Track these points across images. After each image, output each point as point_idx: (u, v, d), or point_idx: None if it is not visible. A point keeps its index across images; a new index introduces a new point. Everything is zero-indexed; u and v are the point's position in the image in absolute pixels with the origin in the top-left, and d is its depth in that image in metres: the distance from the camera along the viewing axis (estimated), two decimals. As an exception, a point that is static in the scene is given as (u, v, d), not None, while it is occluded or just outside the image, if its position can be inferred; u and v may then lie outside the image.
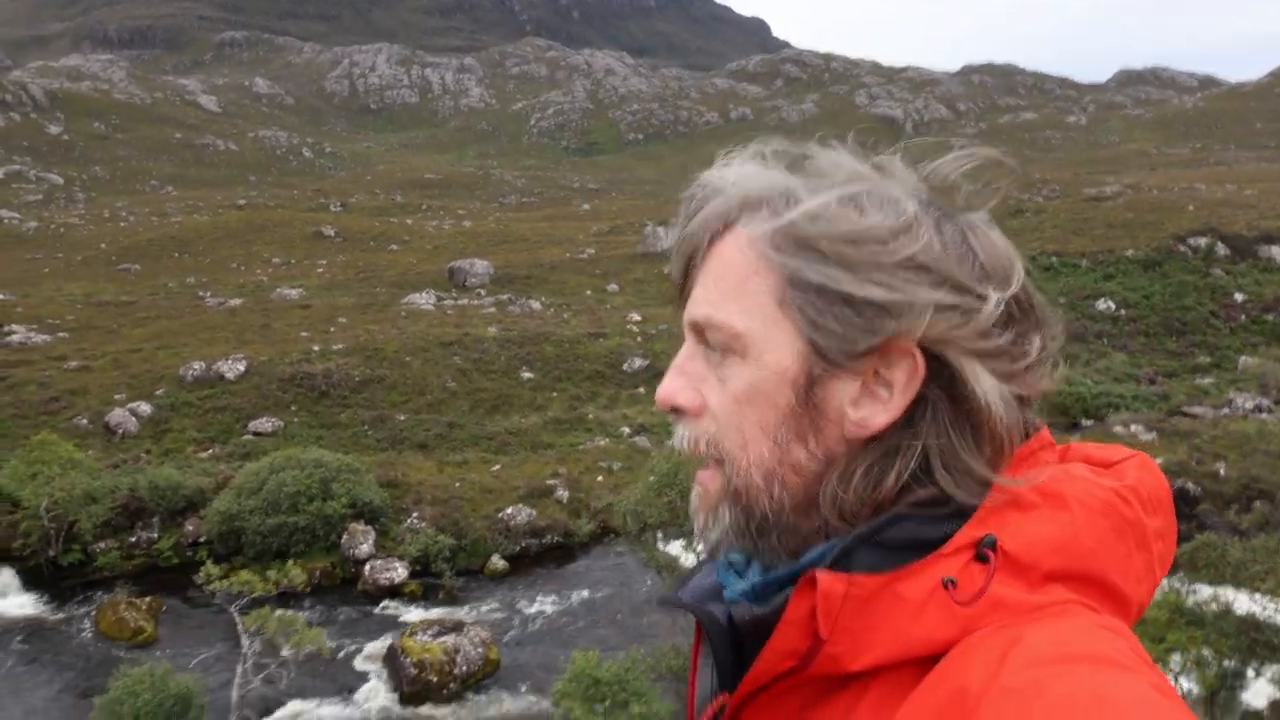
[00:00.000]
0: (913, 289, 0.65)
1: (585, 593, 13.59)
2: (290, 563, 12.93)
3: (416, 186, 75.12)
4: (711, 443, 0.71)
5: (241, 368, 21.62)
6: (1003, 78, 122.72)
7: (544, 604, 13.28)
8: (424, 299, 30.33)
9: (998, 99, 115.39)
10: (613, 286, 33.06)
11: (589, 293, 32.52)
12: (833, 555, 0.65)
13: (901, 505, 0.66)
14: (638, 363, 23.30)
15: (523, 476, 16.28)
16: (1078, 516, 0.65)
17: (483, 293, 32.19)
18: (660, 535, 11.78)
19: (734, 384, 0.70)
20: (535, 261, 37.56)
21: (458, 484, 15.90)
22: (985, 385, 0.66)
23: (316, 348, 23.17)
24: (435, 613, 12.82)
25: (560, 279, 34.55)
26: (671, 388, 0.73)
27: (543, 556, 14.55)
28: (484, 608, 13.20)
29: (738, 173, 0.73)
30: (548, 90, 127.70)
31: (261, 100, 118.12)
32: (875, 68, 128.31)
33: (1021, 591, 0.62)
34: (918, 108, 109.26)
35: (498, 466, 17.03)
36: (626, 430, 19.57)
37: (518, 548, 14.53)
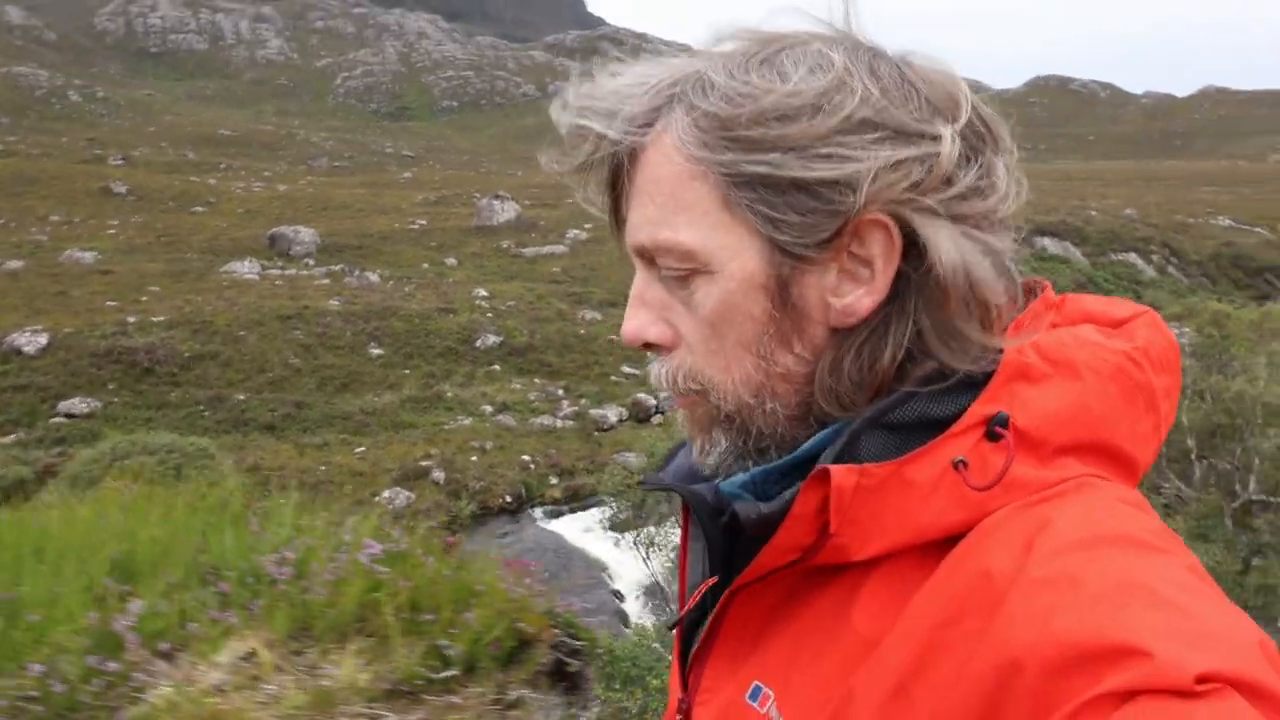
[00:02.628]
0: (865, 152, 0.59)
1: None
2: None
3: (210, 143, 69.44)
4: (690, 375, 0.67)
5: (43, 341, 19.31)
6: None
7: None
8: (246, 268, 28.23)
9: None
10: (451, 260, 32.11)
11: (426, 266, 31.41)
12: (843, 441, 0.62)
13: (908, 383, 0.63)
14: (491, 339, 22.78)
15: (392, 458, 15.59)
16: (1090, 385, 0.62)
17: (311, 263, 30.37)
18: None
19: (703, 307, 0.64)
20: (363, 231, 35.84)
21: (323, 468, 15.01)
22: (948, 245, 0.61)
23: (132, 319, 21.04)
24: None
25: (394, 251, 33.15)
26: (637, 323, 0.67)
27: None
28: (366, 598, 12.57)
29: (638, 73, 0.65)
30: (355, 49, 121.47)
31: (14, 32, 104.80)
32: (688, 50, 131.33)
33: (1033, 468, 0.60)
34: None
35: (362, 448, 16.20)
36: (489, 409, 19.14)
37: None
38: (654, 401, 19.46)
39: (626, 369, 22.03)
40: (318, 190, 48.16)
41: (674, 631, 0.79)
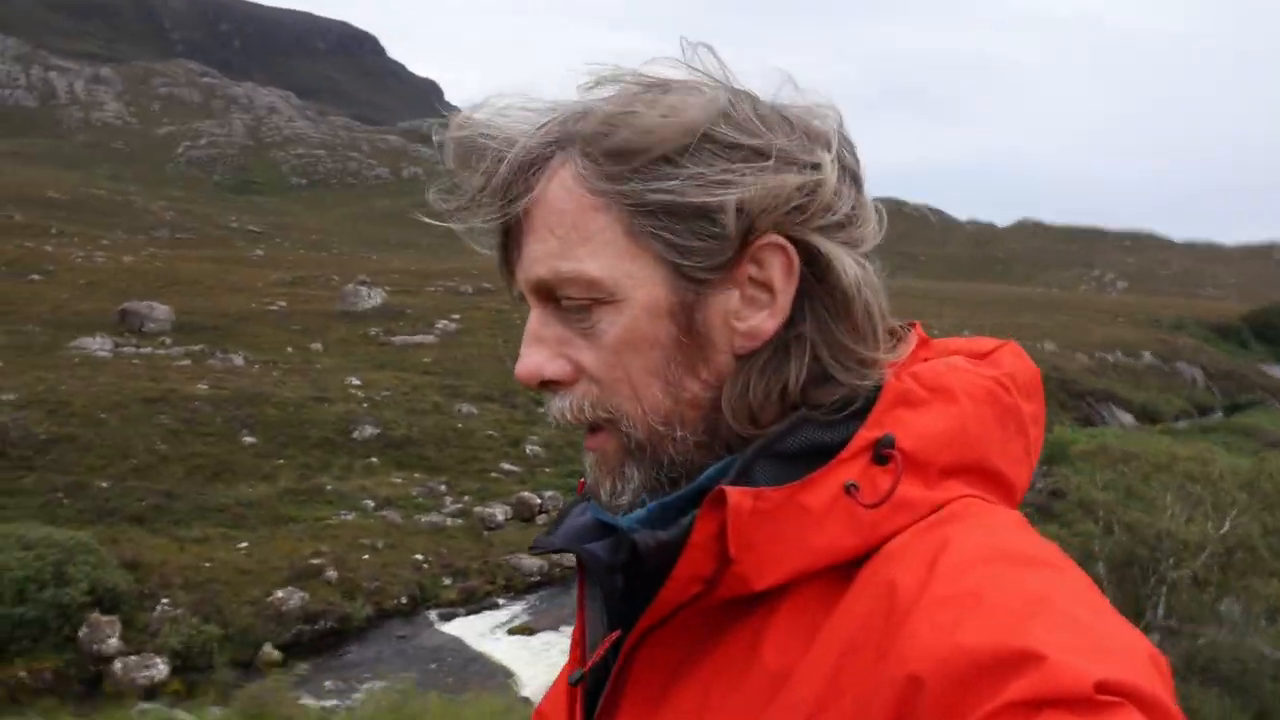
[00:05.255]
0: (756, 178, 0.62)
1: (370, 679, 12.96)
2: (15, 663, 10.97)
3: (39, 205, 65.01)
4: (597, 404, 0.67)
5: None
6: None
7: (329, 697, 12.46)
8: (98, 344, 26.66)
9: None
10: (317, 345, 31.36)
11: (290, 350, 30.54)
12: (735, 471, 0.63)
13: (800, 412, 0.65)
14: (369, 430, 22.43)
15: (280, 555, 15.11)
16: (965, 408, 0.65)
17: (168, 341, 28.97)
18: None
19: (607, 336, 0.65)
20: (219, 310, 34.50)
21: (207, 564, 14.37)
22: (846, 262, 0.65)
23: (-25, 396, 19.54)
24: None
25: (254, 332, 32.06)
26: (533, 361, 0.68)
27: (319, 643, 13.60)
28: (259, 704, 12.07)
29: (524, 112, 0.67)
30: (201, 118, 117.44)
31: None
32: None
33: (921, 489, 0.62)
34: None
35: (245, 544, 15.62)
36: (371, 504, 18.82)
37: (290, 635, 13.47)
38: (538, 500, 19.72)
39: (506, 466, 22.18)
40: (165, 263, 45.91)
41: (574, 695, 0.75)
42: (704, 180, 0.62)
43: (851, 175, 0.68)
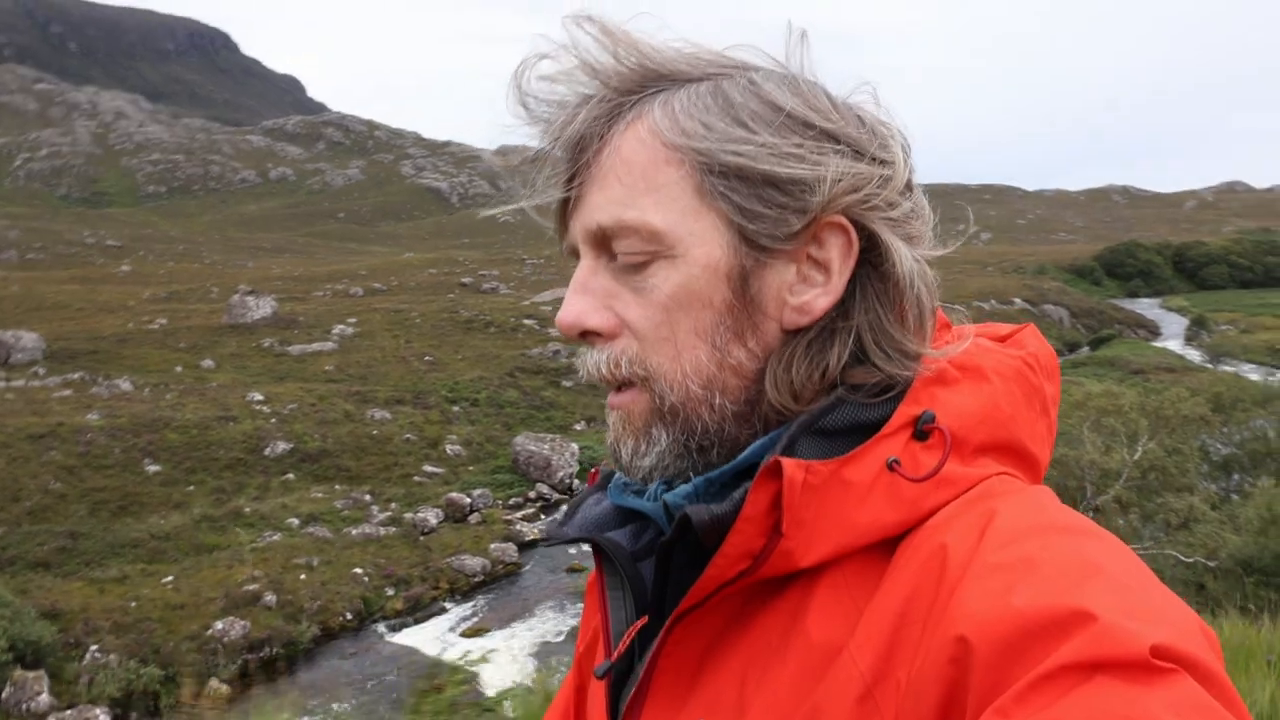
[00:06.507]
0: (829, 159, 0.63)
1: (325, 701, 12.58)
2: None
3: None
4: (635, 361, 0.66)
5: None
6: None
7: (286, 725, 12.04)
8: (-36, 381, 24.73)
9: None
10: (208, 362, 29.93)
11: (180, 369, 29.06)
12: (781, 446, 0.62)
13: (839, 390, 0.64)
14: (281, 446, 21.62)
15: (211, 585, 14.44)
16: (997, 387, 0.65)
17: (41, 371, 27.14)
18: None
19: (660, 290, 0.64)
20: (93, 333, 32.52)
21: (133, 603, 13.61)
22: (904, 254, 0.65)
23: None
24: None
25: (136, 354, 30.35)
26: (576, 309, 0.66)
27: (266, 671, 13.08)
28: (213, 743, 11.57)
29: (598, 68, 0.66)
30: (39, 128, 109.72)
31: None
32: (419, 139, 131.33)
33: (959, 466, 0.62)
34: (461, 181, 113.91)
35: (170, 577, 14.85)
36: (295, 521, 18.17)
37: (236, 666, 12.93)
38: (468, 500, 19.45)
39: (429, 468, 21.77)
40: (22, 287, 42.86)
41: (602, 688, 0.72)
42: (777, 151, 0.63)
43: (912, 176, 0.69)
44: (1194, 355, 41.52)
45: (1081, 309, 53.22)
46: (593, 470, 0.80)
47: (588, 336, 0.67)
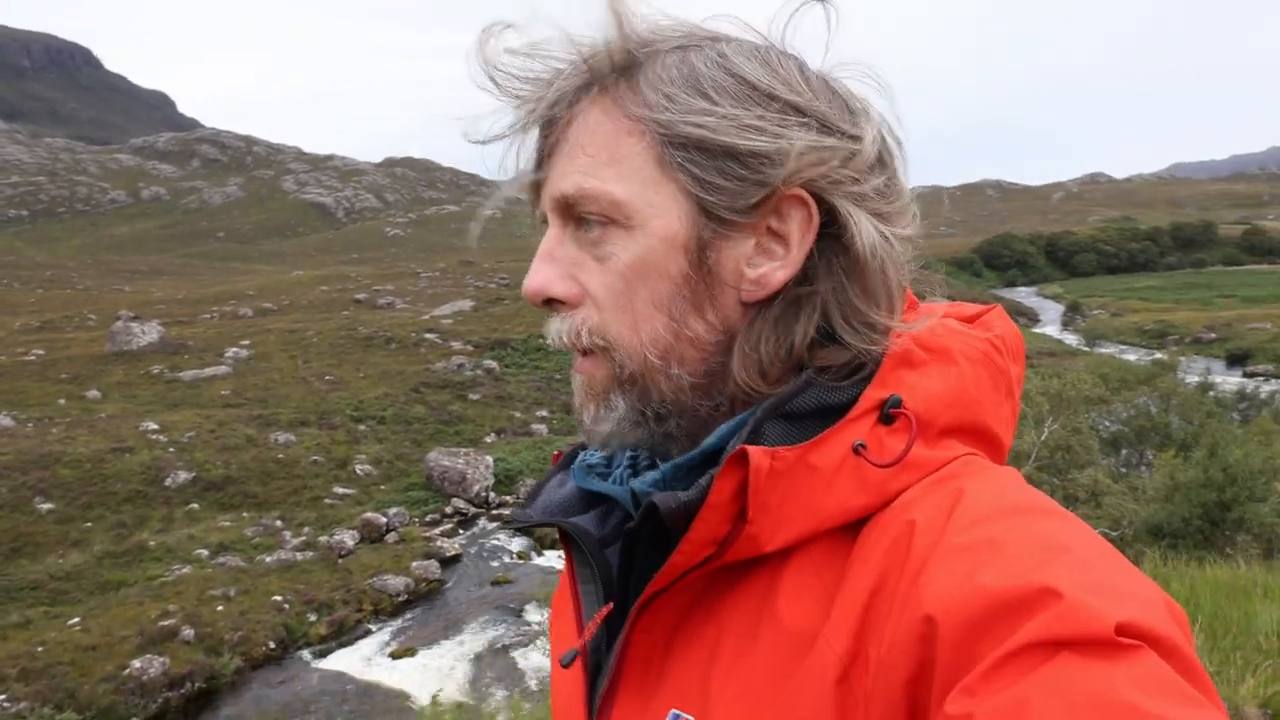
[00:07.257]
0: (791, 132, 0.62)
1: (255, 734, 12.33)
2: None
3: None
4: (595, 330, 0.66)
5: None
6: (423, 171, 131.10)
7: (216, 760, 11.76)
8: None
9: (420, 191, 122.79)
10: (94, 393, 28.59)
11: (63, 401, 27.68)
12: (747, 430, 0.62)
13: (807, 372, 0.64)
14: (182, 476, 20.89)
15: (123, 624, 13.93)
16: (964, 370, 0.66)
17: (-91, 412, 25.44)
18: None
19: (618, 260, 0.65)
20: (-37, 369, 30.63)
21: (40, 648, 13.02)
22: (867, 228, 0.64)
23: None
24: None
25: (14, 388, 28.77)
26: (542, 278, 0.67)
27: (189, 708, 12.72)
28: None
29: (569, 44, 0.66)
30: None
31: None
32: (300, 154, 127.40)
33: (925, 448, 0.62)
34: (347, 196, 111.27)
35: (77, 619, 14.25)
36: (204, 552, 17.63)
37: (157, 704, 12.54)
38: (384, 519, 19.22)
39: (339, 489, 21.40)
40: (-124, 324, 39.91)
41: (575, 679, 0.72)
42: (738, 122, 0.62)
43: (888, 153, 0.68)
44: (1071, 339, 44.06)
45: (966, 299, 55.92)
46: (557, 452, 0.81)
47: (551, 304, 0.68)
